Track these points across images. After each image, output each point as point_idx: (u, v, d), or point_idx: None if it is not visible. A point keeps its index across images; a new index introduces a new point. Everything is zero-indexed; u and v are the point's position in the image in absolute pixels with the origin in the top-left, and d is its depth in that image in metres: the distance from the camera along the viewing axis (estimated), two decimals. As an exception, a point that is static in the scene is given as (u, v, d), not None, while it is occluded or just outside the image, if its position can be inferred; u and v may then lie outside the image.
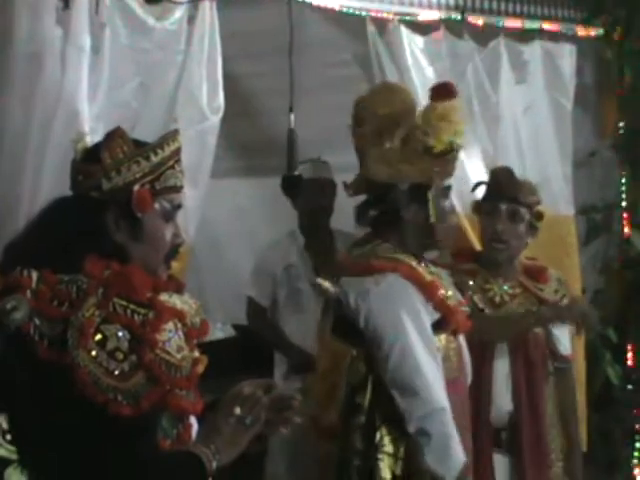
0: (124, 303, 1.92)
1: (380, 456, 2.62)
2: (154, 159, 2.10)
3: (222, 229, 4.93)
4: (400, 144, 2.69)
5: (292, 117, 3.48)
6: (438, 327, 2.69)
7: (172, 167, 2.14)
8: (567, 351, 3.41)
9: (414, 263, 2.69)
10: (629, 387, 4.40)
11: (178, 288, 2.13)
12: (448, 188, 2.76)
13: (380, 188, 2.71)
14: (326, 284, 2.72)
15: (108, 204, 2.06)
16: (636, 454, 4.36)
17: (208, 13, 3.07)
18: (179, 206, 2.16)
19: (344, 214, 4.35)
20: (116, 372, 1.88)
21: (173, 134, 2.17)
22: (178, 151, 2.16)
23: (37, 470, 1.96)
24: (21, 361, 1.92)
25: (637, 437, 4.36)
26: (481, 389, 3.17)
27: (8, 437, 1.97)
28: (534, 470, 3.24)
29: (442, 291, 2.71)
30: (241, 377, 2.30)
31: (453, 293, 2.79)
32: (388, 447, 2.63)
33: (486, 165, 3.86)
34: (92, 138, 2.68)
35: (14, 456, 1.96)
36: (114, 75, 2.87)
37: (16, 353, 1.93)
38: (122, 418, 1.87)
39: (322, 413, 2.74)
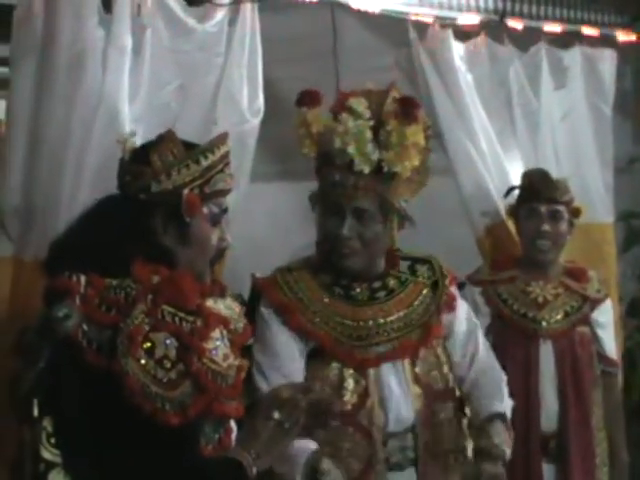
0: (172, 310, 1.89)
1: None
2: (204, 163, 2.08)
3: (258, 232, 4.90)
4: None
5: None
6: (319, 355, 2.59)
7: (221, 171, 2.12)
8: (613, 354, 3.42)
9: (293, 283, 2.64)
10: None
11: (222, 292, 2.11)
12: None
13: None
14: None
15: (156, 207, 2.03)
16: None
17: (249, 15, 3.04)
18: (226, 210, 2.14)
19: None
20: (164, 380, 1.85)
21: (223, 137, 2.15)
22: (227, 155, 2.15)
23: (80, 475, 1.94)
24: (69, 366, 1.90)
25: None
26: (529, 393, 3.16)
27: (52, 441, 1.94)
28: (581, 475, 3.20)
29: (313, 318, 2.60)
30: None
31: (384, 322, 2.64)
32: None
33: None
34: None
35: (58, 460, 1.94)
36: (155, 76, 2.84)
37: (64, 358, 1.91)
38: (169, 427, 1.84)
39: None
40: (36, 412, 1.96)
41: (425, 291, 2.73)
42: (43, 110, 2.71)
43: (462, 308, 2.83)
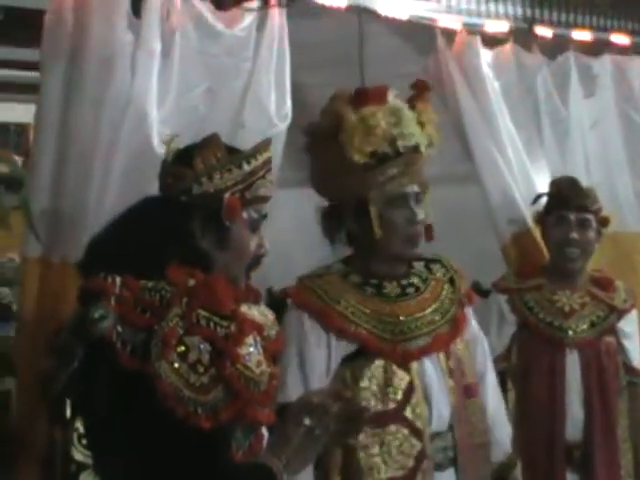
0: (207, 315, 1.87)
1: None
2: (246, 168, 2.08)
3: (284, 238, 4.89)
4: (333, 159, 2.55)
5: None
6: (364, 355, 2.56)
7: (263, 177, 2.12)
8: (639, 365, 3.37)
9: (328, 287, 2.58)
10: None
11: (256, 298, 2.09)
12: (404, 196, 2.57)
13: (332, 207, 2.62)
14: None
15: (196, 209, 2.02)
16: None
17: (277, 20, 3.05)
18: (265, 216, 2.13)
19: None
20: (197, 384, 1.83)
21: (266, 144, 2.16)
22: (269, 161, 2.15)
23: (110, 477, 1.93)
24: (102, 367, 1.89)
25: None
26: (555, 403, 3.14)
27: (84, 442, 1.93)
28: None
29: (354, 318, 2.57)
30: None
31: (418, 317, 2.63)
32: None
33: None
34: (159, 142, 2.72)
35: (89, 461, 1.93)
36: (183, 80, 2.85)
37: (98, 359, 1.89)
38: (201, 431, 1.83)
39: None
40: (68, 413, 1.95)
41: (446, 287, 2.72)
42: (72, 113, 2.73)
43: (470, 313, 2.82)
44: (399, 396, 2.56)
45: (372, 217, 2.54)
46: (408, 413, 2.56)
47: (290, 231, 5.10)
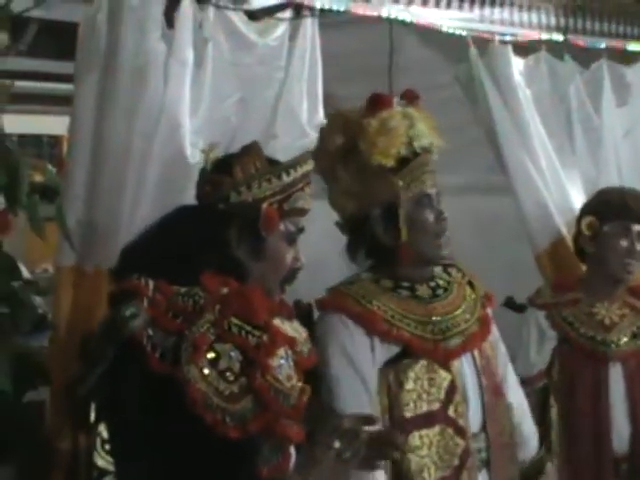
0: (239, 323, 1.85)
1: None
2: (286, 179, 2.07)
3: (316, 250, 4.87)
4: (355, 170, 2.51)
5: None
6: (407, 356, 2.52)
7: (302, 189, 2.11)
8: None
9: (364, 292, 2.54)
10: None
11: (289, 314, 2.06)
12: (428, 196, 2.55)
13: (356, 220, 2.56)
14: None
15: (233, 218, 2.01)
16: None
17: (310, 30, 3.04)
18: (302, 229, 2.11)
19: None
20: (226, 393, 1.81)
21: (306, 156, 2.15)
22: (309, 173, 2.14)
23: None
24: (131, 370, 1.87)
25: None
26: (600, 417, 3.10)
27: (107, 447, 1.91)
28: None
29: (397, 321, 2.53)
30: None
31: (452, 318, 2.61)
32: None
33: (586, 189, 3.75)
34: (192, 152, 2.71)
35: (111, 467, 1.91)
36: (216, 90, 2.84)
37: (127, 361, 1.87)
38: (228, 440, 1.80)
39: None
40: (93, 417, 1.94)
41: (467, 289, 2.71)
42: (105, 123, 2.72)
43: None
44: (442, 396, 2.54)
45: (401, 220, 2.52)
46: (451, 412, 2.54)
47: (323, 243, 5.08)
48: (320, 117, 3.06)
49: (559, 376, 3.18)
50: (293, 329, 2.00)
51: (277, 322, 1.94)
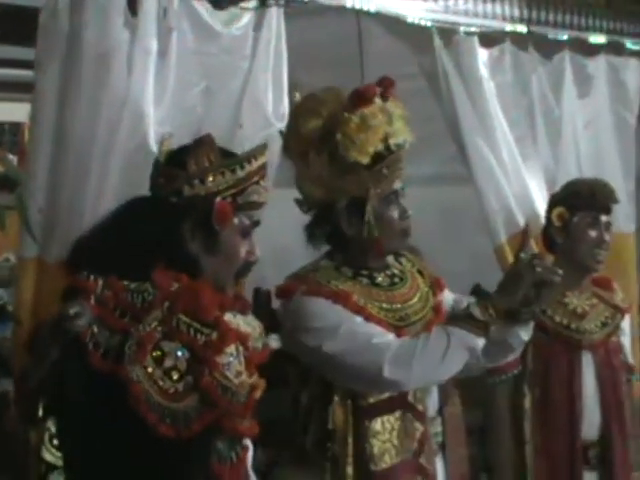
0: (188, 320, 1.82)
1: None
2: (240, 173, 2.03)
3: (281, 239, 4.84)
4: (327, 162, 2.51)
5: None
6: None
7: (257, 182, 2.07)
8: (632, 360, 3.44)
9: (327, 279, 2.54)
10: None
11: (244, 308, 2.03)
12: (395, 193, 2.56)
13: (321, 206, 2.56)
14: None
15: (186, 212, 1.97)
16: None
17: (275, 20, 3.00)
18: (257, 223, 2.08)
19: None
20: (170, 391, 1.78)
21: (262, 149, 2.10)
22: (264, 166, 2.10)
23: (76, 478, 1.88)
24: (74, 367, 1.84)
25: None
26: (573, 404, 3.15)
27: (55, 442, 1.88)
28: None
29: (365, 302, 2.54)
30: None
31: (409, 306, 2.63)
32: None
33: (546, 180, 3.76)
34: (156, 141, 2.67)
35: (59, 462, 1.88)
36: (180, 79, 2.80)
37: (72, 358, 1.84)
38: (171, 439, 1.77)
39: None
40: (41, 412, 1.90)
41: (419, 277, 2.72)
42: (68, 112, 2.68)
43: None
44: None
45: (368, 215, 2.51)
46: (411, 398, 2.57)
47: (287, 231, 5.05)
48: (285, 107, 3.03)
49: (533, 364, 3.21)
50: (247, 323, 1.98)
51: (229, 317, 1.91)
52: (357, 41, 3.32)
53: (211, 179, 1.99)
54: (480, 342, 2.43)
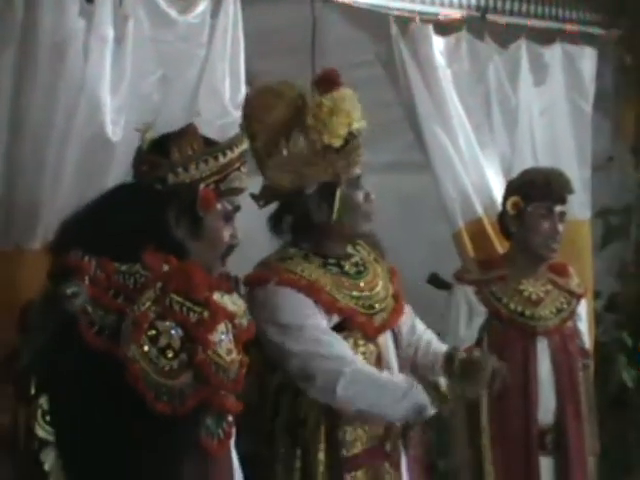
0: (180, 300, 1.89)
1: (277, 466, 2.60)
2: (222, 160, 2.11)
3: (241, 227, 4.86)
4: (296, 148, 2.57)
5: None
6: (342, 330, 2.60)
7: (238, 169, 2.15)
8: (588, 346, 3.51)
9: (300, 267, 2.59)
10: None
11: (228, 288, 2.09)
12: (359, 177, 2.64)
13: (288, 195, 2.61)
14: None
15: (171, 199, 2.04)
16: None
17: (231, 8, 3.01)
18: (238, 208, 2.16)
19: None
20: (166, 369, 1.85)
21: (240, 137, 2.17)
22: (244, 153, 2.18)
23: (70, 455, 1.93)
24: (70, 345, 1.90)
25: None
26: (528, 390, 3.20)
27: (47, 418, 1.94)
28: (577, 468, 3.27)
29: (335, 293, 2.60)
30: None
31: (375, 293, 2.69)
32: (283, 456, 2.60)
33: (503, 168, 3.81)
34: (113, 130, 2.68)
35: (52, 438, 1.94)
36: (137, 67, 2.81)
37: (66, 337, 1.90)
38: (165, 415, 1.84)
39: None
40: (33, 389, 1.95)
41: (377, 265, 2.77)
42: (24, 101, 2.67)
43: None
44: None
45: (337, 199, 2.57)
46: None
47: (247, 219, 5.08)
48: (242, 95, 3.04)
49: (489, 351, 3.23)
50: (232, 302, 2.05)
51: (217, 297, 1.98)
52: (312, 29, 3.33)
53: (194, 167, 2.06)
54: (430, 411, 2.53)
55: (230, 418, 2.06)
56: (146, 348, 1.84)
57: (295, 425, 2.59)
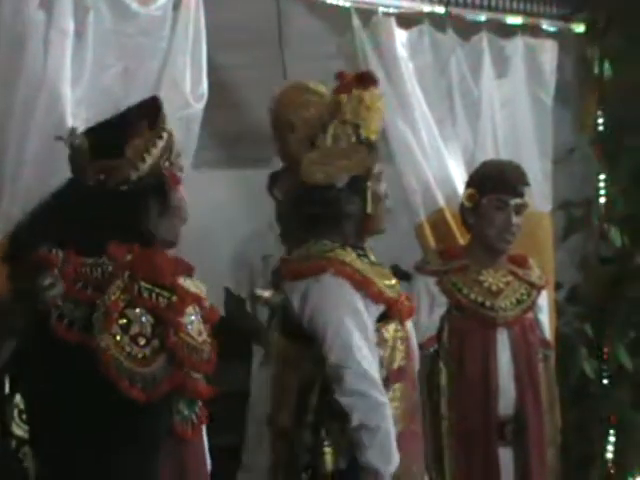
0: (149, 286, 1.93)
1: (325, 450, 2.63)
2: (165, 135, 2.14)
3: (201, 221, 4.87)
4: (332, 142, 2.68)
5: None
6: (384, 318, 2.71)
7: (172, 135, 2.18)
8: (549, 337, 3.53)
9: (349, 258, 2.69)
10: (605, 382, 4.38)
11: (189, 271, 2.13)
12: (380, 173, 2.78)
13: (318, 188, 2.69)
14: (265, 294, 2.72)
15: (139, 193, 2.08)
16: (610, 449, 4.35)
17: (193, 0, 3.03)
18: (181, 168, 2.21)
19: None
20: (138, 356, 1.89)
21: (156, 100, 2.20)
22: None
23: (48, 449, 1.94)
24: (41, 341, 1.93)
25: (612, 432, 4.35)
26: (488, 381, 3.22)
27: (24, 417, 1.96)
28: (537, 459, 3.30)
29: (380, 283, 2.71)
30: (219, 369, 2.27)
31: (395, 282, 2.81)
32: (331, 440, 2.63)
33: (465, 160, 3.85)
34: (74, 122, 2.70)
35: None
36: (97, 60, 2.83)
37: (37, 332, 1.93)
38: (140, 403, 1.87)
39: (277, 414, 2.76)
40: (7, 388, 1.98)
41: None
42: (-17, 93, 2.69)
43: None
44: (403, 353, 2.74)
45: (369, 192, 2.70)
46: (409, 369, 2.77)
47: (207, 213, 5.09)
48: (204, 88, 3.07)
49: (449, 341, 3.28)
50: (195, 286, 2.10)
51: (181, 281, 2.03)
52: (276, 21, 3.35)
53: (148, 154, 2.09)
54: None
55: (201, 403, 2.10)
56: (118, 337, 1.87)
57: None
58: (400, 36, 3.67)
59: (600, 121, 4.40)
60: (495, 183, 3.33)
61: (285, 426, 2.71)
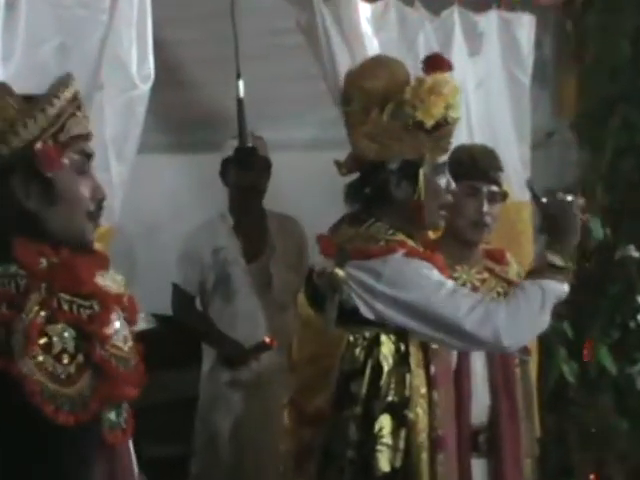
0: (69, 298, 1.86)
1: (379, 447, 2.67)
2: (51, 110, 2.00)
3: (147, 207, 4.85)
4: (389, 120, 2.73)
5: (241, 85, 3.43)
6: None
7: (74, 114, 2.05)
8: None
9: (411, 242, 2.77)
10: (585, 386, 4.41)
11: (105, 264, 2.05)
12: (443, 164, 2.83)
13: (370, 166, 2.77)
14: (341, 272, 2.74)
15: (11, 171, 1.96)
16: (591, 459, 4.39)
17: (137, -31, 2.99)
18: (91, 155, 2.06)
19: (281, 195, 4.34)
20: (62, 376, 1.82)
21: (66, 79, 2.07)
22: (77, 96, 2.07)
23: None
24: None
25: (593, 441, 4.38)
26: (461, 387, 3.20)
27: None
28: (512, 471, 3.30)
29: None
30: (165, 373, 2.25)
31: None
32: (387, 438, 2.68)
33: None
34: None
35: None
36: (31, 33, 2.77)
37: None
38: (68, 427, 1.82)
39: (308, 398, 2.79)
40: None
41: None
42: None
43: None
44: None
45: (421, 179, 2.76)
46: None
47: (154, 198, 5.06)
48: (150, 66, 3.03)
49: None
50: (112, 280, 2.02)
51: (100, 280, 1.96)
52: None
53: (23, 127, 1.97)
54: (566, 288, 2.77)
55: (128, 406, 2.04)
56: (40, 358, 1.81)
57: (401, 406, 2.71)
58: (364, 10, 3.65)
59: (580, 103, 4.42)
60: (466, 168, 3.31)
61: (318, 412, 2.75)
